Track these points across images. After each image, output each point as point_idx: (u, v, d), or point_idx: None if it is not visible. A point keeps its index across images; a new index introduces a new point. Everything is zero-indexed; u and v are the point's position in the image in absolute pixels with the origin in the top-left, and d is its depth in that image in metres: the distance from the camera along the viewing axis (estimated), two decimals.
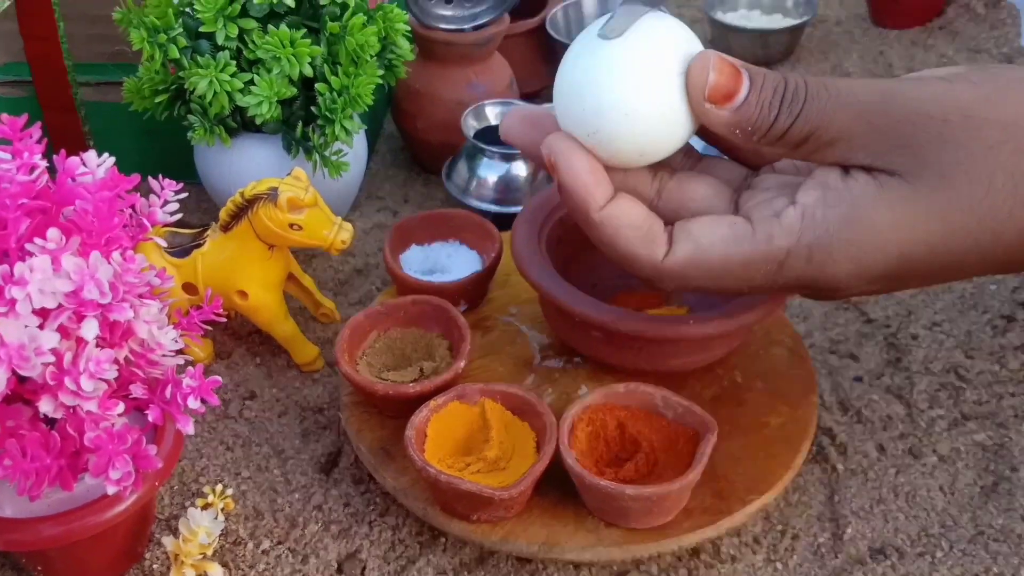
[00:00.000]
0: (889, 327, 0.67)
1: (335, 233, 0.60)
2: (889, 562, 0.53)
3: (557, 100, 0.42)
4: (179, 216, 0.51)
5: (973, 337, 0.66)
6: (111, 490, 0.45)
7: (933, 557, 0.53)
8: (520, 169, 0.75)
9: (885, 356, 0.65)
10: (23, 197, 0.44)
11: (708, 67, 0.40)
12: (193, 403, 0.47)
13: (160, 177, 0.52)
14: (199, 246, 0.62)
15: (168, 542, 0.53)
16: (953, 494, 0.56)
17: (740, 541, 0.54)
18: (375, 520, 0.56)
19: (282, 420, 0.62)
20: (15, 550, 0.50)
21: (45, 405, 0.43)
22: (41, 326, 0.41)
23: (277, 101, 0.65)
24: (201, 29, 0.65)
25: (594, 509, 0.52)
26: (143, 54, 0.66)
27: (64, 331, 0.42)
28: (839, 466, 0.58)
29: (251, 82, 0.65)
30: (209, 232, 0.62)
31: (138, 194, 0.49)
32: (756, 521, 0.55)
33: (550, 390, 0.59)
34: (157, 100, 0.69)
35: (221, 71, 0.64)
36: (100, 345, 0.43)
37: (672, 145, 0.42)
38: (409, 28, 0.72)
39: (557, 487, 0.52)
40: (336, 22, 0.66)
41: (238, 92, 0.65)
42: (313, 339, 0.66)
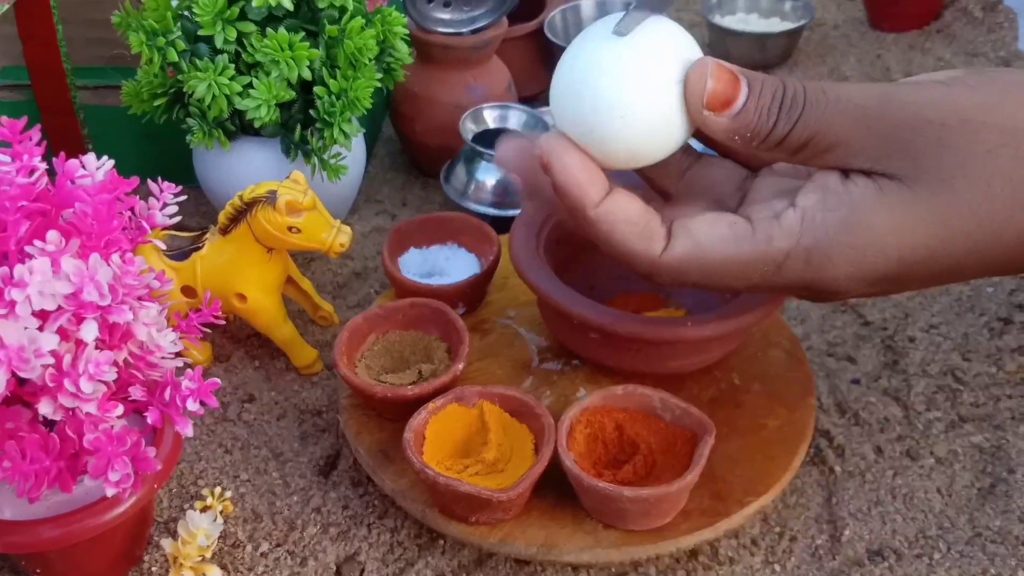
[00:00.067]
0: (886, 330, 0.67)
1: (334, 236, 0.60)
2: (887, 564, 0.53)
3: (554, 99, 0.43)
4: (178, 219, 0.51)
5: (970, 339, 0.66)
6: (110, 492, 0.45)
7: (931, 559, 0.53)
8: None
9: (882, 358, 0.65)
10: (23, 199, 0.44)
11: (706, 74, 0.40)
12: (192, 405, 0.47)
13: (159, 180, 0.52)
14: (198, 249, 0.62)
15: (167, 544, 0.53)
16: (951, 496, 0.56)
17: (738, 543, 0.54)
18: (374, 522, 0.56)
19: (281, 423, 0.62)
20: (14, 552, 0.50)
21: (44, 407, 0.43)
22: (41, 328, 0.41)
23: (276, 104, 0.66)
24: (200, 32, 0.65)
25: (592, 511, 0.52)
26: (142, 57, 0.66)
27: (64, 333, 0.42)
28: (837, 468, 0.58)
29: (250, 85, 0.65)
30: (208, 235, 0.62)
31: (137, 197, 0.49)
32: (754, 523, 0.55)
33: (548, 392, 0.59)
34: (156, 103, 0.69)
35: (220, 74, 0.65)
36: (99, 347, 0.44)
37: (666, 150, 0.42)
38: (407, 32, 0.73)
39: (555, 489, 0.52)
40: (334, 25, 0.66)
41: (237, 95, 0.65)
42: (312, 342, 0.66)
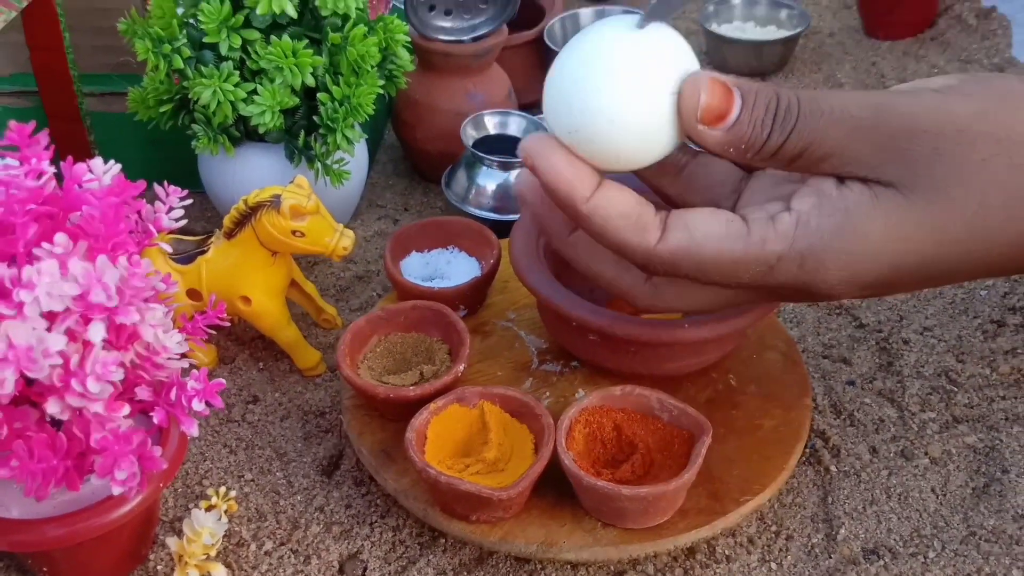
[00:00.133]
0: (881, 332, 0.68)
1: (337, 240, 0.61)
2: (882, 562, 0.54)
3: (546, 99, 0.42)
4: (184, 222, 0.52)
5: (964, 341, 0.67)
6: (117, 491, 0.45)
7: (925, 557, 0.54)
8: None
9: (877, 360, 0.66)
10: (31, 202, 0.45)
11: (700, 88, 0.40)
12: (198, 405, 0.47)
13: (165, 184, 0.53)
14: (203, 253, 0.63)
15: (172, 543, 0.53)
16: (945, 495, 0.57)
17: (735, 541, 0.55)
18: (376, 521, 0.56)
19: (284, 424, 0.63)
20: (21, 551, 0.51)
21: (52, 407, 0.43)
22: (49, 329, 0.42)
23: (280, 111, 0.67)
24: (205, 40, 0.66)
25: (591, 509, 0.52)
26: (148, 64, 0.67)
27: (71, 334, 0.43)
28: (832, 468, 0.59)
29: (254, 92, 0.66)
30: (213, 239, 0.63)
31: (144, 201, 0.50)
32: (751, 522, 0.56)
33: (548, 393, 0.60)
34: (161, 110, 0.70)
35: (225, 81, 0.66)
36: (106, 348, 0.44)
37: (655, 155, 0.42)
38: (409, 39, 0.74)
39: (555, 488, 0.53)
40: (337, 33, 0.67)
41: (241, 102, 0.66)
42: (315, 344, 0.67)
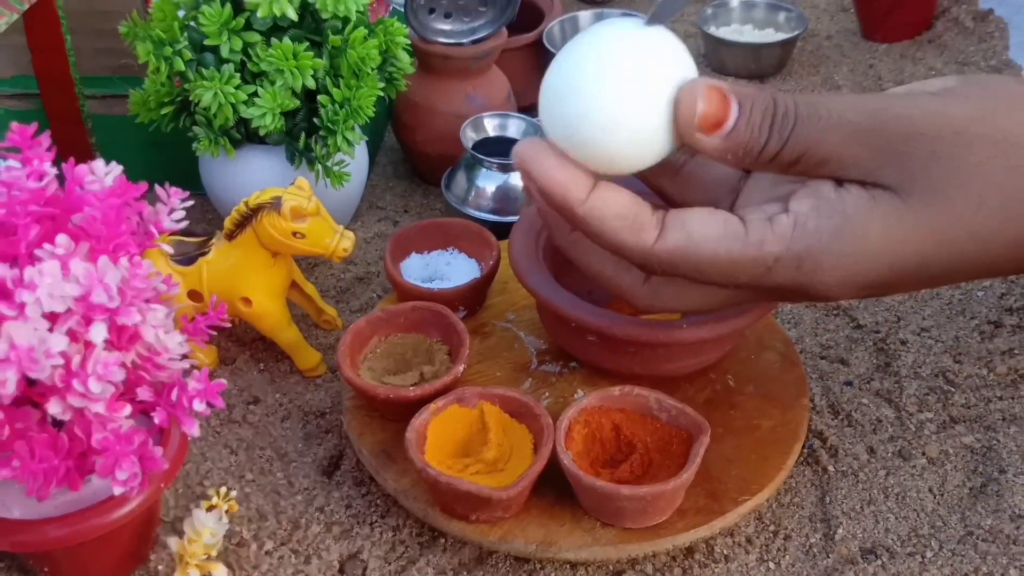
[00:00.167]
0: (879, 332, 0.68)
1: (337, 241, 0.61)
2: (879, 562, 0.54)
3: (541, 102, 0.42)
4: (185, 223, 0.52)
5: (961, 342, 0.67)
6: (118, 490, 0.45)
7: (923, 557, 0.54)
8: (517, 179, 0.76)
9: (875, 361, 0.66)
10: (33, 204, 0.45)
11: (696, 96, 0.40)
12: (199, 406, 0.47)
13: (167, 185, 0.53)
14: (204, 254, 0.63)
15: (173, 543, 0.53)
16: (942, 495, 0.57)
17: (733, 541, 0.55)
18: (376, 521, 0.57)
19: (285, 424, 0.63)
20: (22, 551, 0.51)
21: (53, 407, 0.43)
22: (50, 329, 0.42)
23: (280, 113, 0.67)
24: (206, 42, 0.66)
25: (590, 509, 0.53)
26: (149, 67, 0.67)
27: (73, 334, 0.43)
28: (830, 468, 0.59)
29: (255, 94, 0.66)
30: (214, 241, 0.63)
31: (145, 202, 0.50)
32: (749, 521, 0.56)
33: (547, 394, 0.60)
34: (163, 112, 0.70)
35: (226, 83, 0.66)
36: (108, 348, 0.44)
37: (649, 160, 0.42)
38: (409, 42, 0.74)
39: (554, 488, 0.53)
40: (338, 35, 0.68)
41: (242, 104, 0.66)
42: (315, 345, 0.67)
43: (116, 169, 0.48)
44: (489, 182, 0.76)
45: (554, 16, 0.95)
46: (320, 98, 0.68)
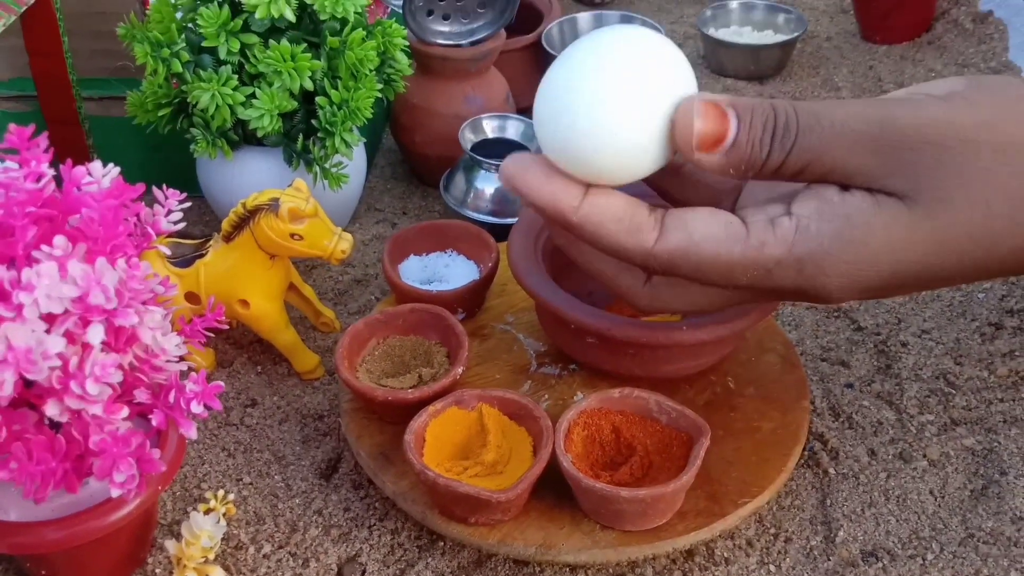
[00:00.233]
0: (879, 335, 0.68)
1: (335, 243, 0.61)
2: (880, 564, 0.54)
3: (535, 115, 0.42)
4: (183, 225, 0.52)
5: (962, 344, 0.67)
6: (115, 492, 0.45)
7: (924, 559, 0.54)
8: (511, 189, 0.76)
9: (875, 363, 0.66)
10: (30, 205, 0.45)
11: (693, 114, 0.39)
12: (196, 408, 0.47)
13: (164, 187, 0.53)
14: (202, 256, 0.63)
15: (171, 545, 0.53)
16: (943, 497, 0.57)
17: (734, 544, 0.55)
18: (374, 524, 0.56)
19: (283, 427, 0.63)
20: (19, 554, 0.51)
21: (51, 408, 0.43)
22: (48, 331, 0.42)
23: (278, 114, 0.67)
24: (204, 44, 0.66)
25: (590, 512, 0.52)
26: (146, 68, 0.67)
27: (70, 336, 0.43)
28: (831, 470, 0.59)
29: (253, 96, 0.66)
30: (211, 242, 0.63)
31: (143, 203, 0.50)
32: (749, 524, 0.56)
33: (546, 396, 0.60)
34: (160, 114, 0.70)
35: (223, 85, 0.66)
36: (105, 350, 0.44)
37: (643, 173, 0.42)
38: (407, 43, 0.74)
39: (553, 490, 0.53)
40: (336, 37, 0.68)
41: (240, 105, 0.66)
42: (313, 348, 0.67)
43: (114, 171, 0.48)
44: (488, 184, 0.76)
45: (553, 18, 0.95)
46: (318, 100, 0.68)
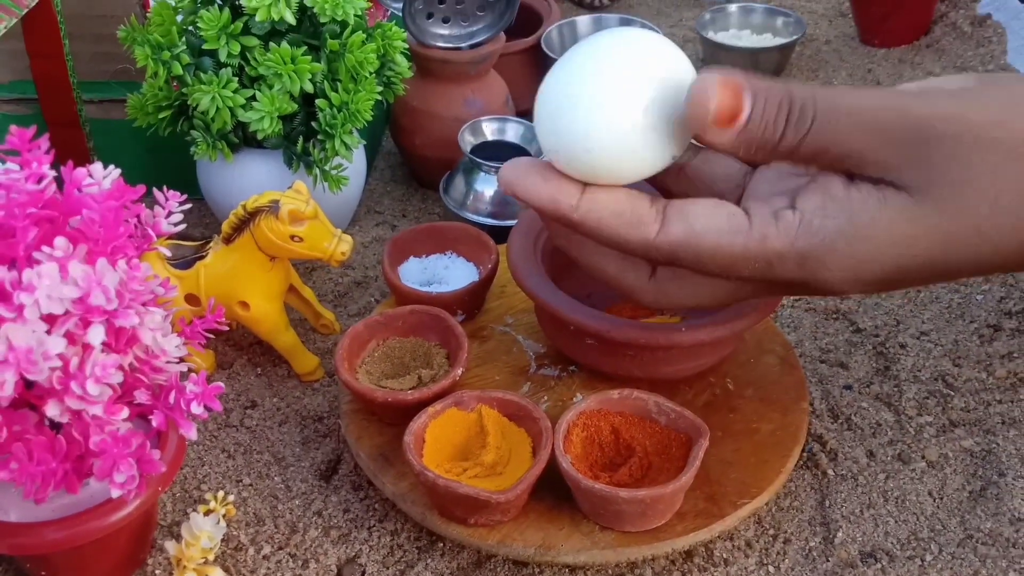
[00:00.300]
0: (878, 336, 0.68)
1: (335, 245, 0.61)
2: (879, 565, 0.54)
3: (537, 114, 0.42)
4: (183, 227, 0.52)
5: (960, 346, 0.67)
6: (116, 493, 0.45)
7: (923, 560, 0.54)
8: (511, 194, 0.76)
9: (874, 364, 0.66)
10: (31, 206, 0.45)
11: (709, 90, 0.39)
12: (196, 409, 0.47)
13: (165, 188, 0.53)
14: (202, 258, 0.63)
15: (170, 547, 0.53)
16: (942, 499, 0.57)
17: (733, 545, 0.55)
18: (374, 525, 0.57)
19: (283, 428, 0.63)
20: (20, 554, 0.51)
21: (51, 409, 0.43)
22: (49, 331, 0.42)
23: (278, 117, 0.67)
24: (204, 47, 0.66)
25: (589, 512, 0.52)
26: (147, 71, 0.68)
27: (71, 337, 0.43)
28: (830, 471, 0.59)
29: (253, 98, 0.66)
30: (212, 244, 0.63)
31: (143, 205, 0.50)
32: (748, 525, 0.56)
33: (545, 398, 0.60)
34: (160, 116, 0.70)
35: (224, 87, 0.66)
36: (106, 351, 0.44)
37: (647, 173, 0.42)
38: (407, 46, 0.74)
39: (553, 491, 0.53)
40: (336, 40, 0.68)
41: (240, 108, 0.66)
42: (313, 350, 0.67)
43: (114, 172, 0.48)
44: (487, 186, 0.76)
45: (552, 21, 0.96)
46: (318, 102, 0.68)
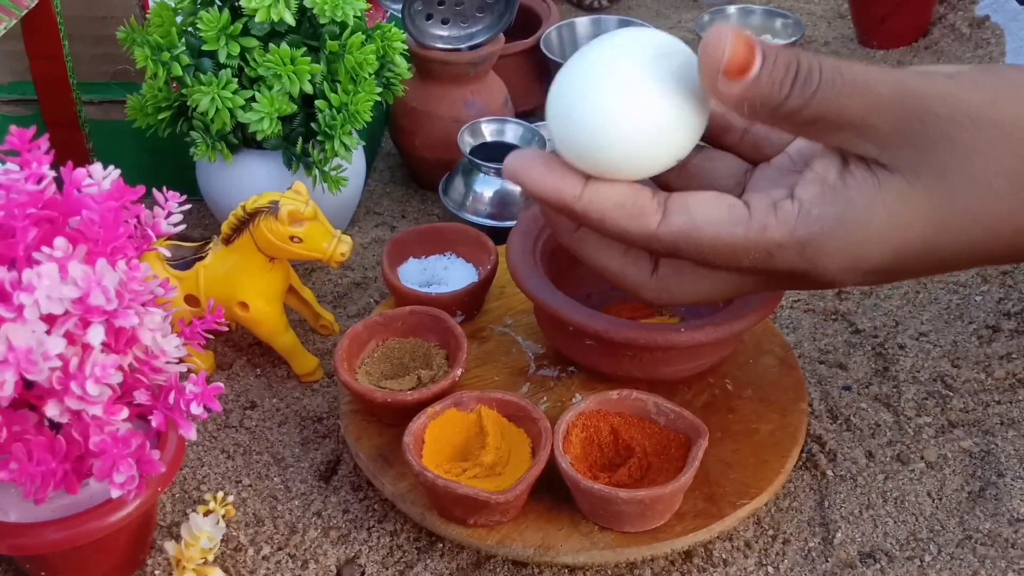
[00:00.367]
0: (877, 337, 0.68)
1: (334, 245, 0.61)
2: (878, 566, 0.54)
3: (550, 113, 0.43)
4: (183, 227, 0.52)
5: (959, 347, 0.67)
6: (115, 493, 0.45)
7: (922, 561, 0.54)
8: (515, 184, 0.76)
9: (873, 365, 0.66)
10: (31, 207, 0.45)
11: (724, 41, 0.39)
12: (196, 409, 0.47)
13: (164, 189, 0.53)
14: (201, 259, 0.63)
15: (170, 547, 0.53)
16: (941, 499, 0.57)
17: (732, 545, 0.55)
18: (374, 526, 0.57)
19: (282, 429, 0.63)
20: (19, 554, 0.51)
21: (51, 409, 0.43)
22: (48, 332, 0.42)
23: (278, 118, 0.67)
24: (203, 48, 0.66)
25: (588, 513, 0.52)
26: (146, 72, 0.68)
27: (71, 337, 0.43)
28: (829, 472, 0.59)
29: (252, 99, 0.66)
30: (211, 245, 0.63)
31: (143, 206, 0.50)
32: (748, 526, 0.56)
33: (545, 398, 0.60)
34: (160, 117, 0.71)
35: (223, 88, 0.66)
36: (105, 351, 0.44)
37: (656, 170, 0.42)
38: (406, 47, 0.74)
39: (552, 492, 0.53)
40: (335, 41, 0.68)
41: (240, 109, 0.66)
42: (312, 350, 0.67)
43: (114, 173, 0.48)
44: (487, 187, 0.77)
45: (551, 22, 0.96)
46: (317, 103, 0.68)
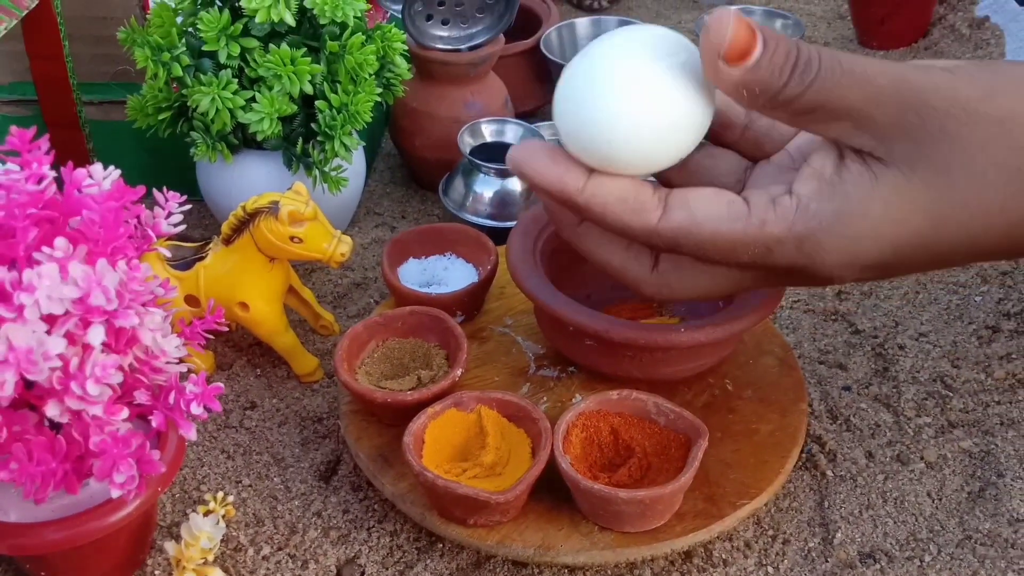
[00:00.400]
0: (876, 337, 0.68)
1: (335, 246, 0.61)
2: (878, 566, 0.54)
3: (556, 109, 0.43)
4: (183, 228, 0.52)
5: (959, 347, 0.67)
6: (115, 493, 0.45)
7: (921, 561, 0.54)
8: (515, 184, 0.76)
9: (873, 366, 0.66)
10: (31, 207, 0.45)
11: (726, 24, 0.39)
12: (196, 409, 0.47)
13: (164, 189, 0.53)
14: (201, 259, 0.63)
15: (170, 547, 0.53)
16: (941, 500, 0.57)
17: (732, 545, 0.55)
18: (374, 526, 0.57)
19: (282, 429, 0.63)
20: (19, 554, 0.51)
21: (51, 409, 0.43)
22: (49, 332, 0.42)
23: (278, 118, 0.67)
24: (204, 48, 0.66)
25: (588, 513, 0.53)
26: (147, 72, 0.68)
27: (71, 337, 0.43)
28: (829, 472, 0.59)
29: (252, 99, 0.67)
30: (211, 245, 0.63)
31: (143, 206, 0.50)
32: (747, 526, 0.56)
33: (545, 399, 0.60)
34: (160, 117, 0.71)
35: (223, 89, 0.66)
36: (106, 351, 0.44)
37: (661, 167, 0.43)
38: (406, 48, 0.74)
39: (552, 492, 0.53)
40: (335, 41, 0.68)
41: (240, 109, 0.66)
42: (312, 351, 0.67)
43: (114, 173, 0.48)
44: (487, 187, 0.77)
45: (551, 23, 0.96)
46: (318, 104, 0.68)
